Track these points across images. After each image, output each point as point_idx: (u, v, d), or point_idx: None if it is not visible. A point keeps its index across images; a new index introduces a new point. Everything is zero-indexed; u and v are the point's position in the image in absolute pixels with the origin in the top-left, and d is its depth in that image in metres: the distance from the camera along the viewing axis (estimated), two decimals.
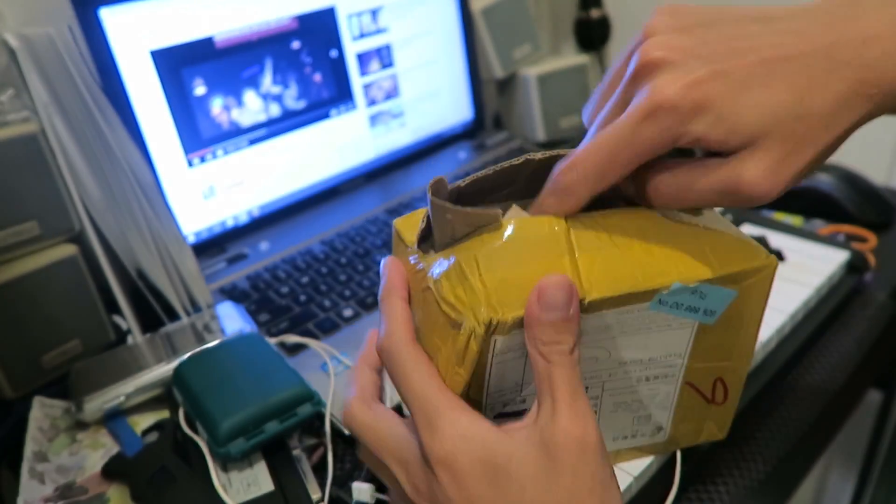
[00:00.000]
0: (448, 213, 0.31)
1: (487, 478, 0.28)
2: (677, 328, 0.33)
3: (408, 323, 0.32)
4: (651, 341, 0.33)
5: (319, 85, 0.75)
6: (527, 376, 0.33)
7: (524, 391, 0.33)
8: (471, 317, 0.29)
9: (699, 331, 0.33)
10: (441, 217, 0.31)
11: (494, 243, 0.31)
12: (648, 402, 0.37)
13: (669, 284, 0.30)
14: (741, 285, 0.32)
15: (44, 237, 0.54)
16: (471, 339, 0.29)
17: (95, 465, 0.47)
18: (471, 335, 0.29)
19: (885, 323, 0.59)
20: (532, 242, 0.31)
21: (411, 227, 0.34)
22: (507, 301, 0.29)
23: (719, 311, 0.32)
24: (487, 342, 0.29)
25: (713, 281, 0.31)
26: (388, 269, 0.34)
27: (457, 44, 0.87)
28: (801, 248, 0.61)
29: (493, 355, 0.30)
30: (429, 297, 0.31)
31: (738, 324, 0.34)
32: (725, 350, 0.35)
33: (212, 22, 0.66)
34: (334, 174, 0.79)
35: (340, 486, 0.44)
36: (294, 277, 0.66)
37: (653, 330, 0.33)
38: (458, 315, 0.29)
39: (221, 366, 0.48)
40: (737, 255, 0.32)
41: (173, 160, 0.67)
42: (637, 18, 1.02)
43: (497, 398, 0.33)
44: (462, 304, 0.29)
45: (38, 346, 0.55)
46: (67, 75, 0.52)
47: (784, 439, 0.48)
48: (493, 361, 0.31)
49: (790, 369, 0.53)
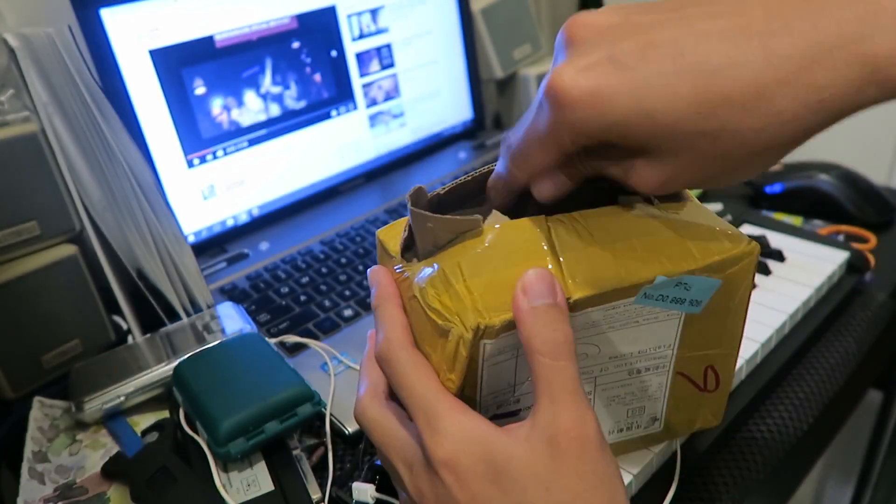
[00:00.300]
0: (429, 221, 0.31)
1: (489, 478, 0.28)
2: (664, 320, 0.33)
3: (405, 328, 0.32)
4: (640, 334, 0.34)
5: (319, 85, 0.75)
6: (519, 377, 0.33)
7: (517, 391, 0.33)
8: (458, 323, 0.29)
9: (686, 321, 0.34)
10: (422, 226, 0.32)
11: (477, 248, 0.31)
12: (641, 394, 0.37)
13: (653, 278, 0.31)
14: (725, 274, 0.32)
15: (44, 237, 0.54)
16: (459, 346, 0.29)
17: (95, 465, 0.47)
18: (459, 341, 0.29)
19: (885, 323, 0.59)
20: (514, 246, 0.31)
21: (394, 236, 0.35)
22: (494, 305, 0.29)
23: (704, 300, 0.33)
24: (477, 347, 0.29)
25: (696, 272, 0.31)
26: (379, 277, 0.34)
27: (457, 44, 0.87)
28: (801, 248, 0.61)
29: (483, 359, 0.30)
30: (415, 305, 0.31)
31: (725, 311, 0.34)
32: (714, 338, 0.35)
33: (212, 22, 0.66)
34: (334, 174, 0.79)
35: (340, 486, 0.44)
36: (294, 277, 0.66)
37: (640, 323, 0.33)
38: (446, 322, 0.29)
39: (221, 366, 0.48)
40: (718, 244, 0.32)
41: (173, 160, 0.67)
42: None
43: (491, 400, 0.33)
44: (448, 311, 0.29)
45: (38, 346, 0.55)
46: (67, 75, 0.52)
47: (784, 439, 0.48)
48: (483, 365, 0.31)
49: (790, 369, 0.53)
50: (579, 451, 0.28)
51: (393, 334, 0.32)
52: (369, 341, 0.37)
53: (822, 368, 0.54)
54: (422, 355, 0.32)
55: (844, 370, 0.54)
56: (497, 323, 0.29)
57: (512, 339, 0.30)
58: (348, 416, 0.49)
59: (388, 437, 0.32)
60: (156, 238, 0.57)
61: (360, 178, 0.81)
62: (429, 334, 0.31)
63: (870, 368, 0.59)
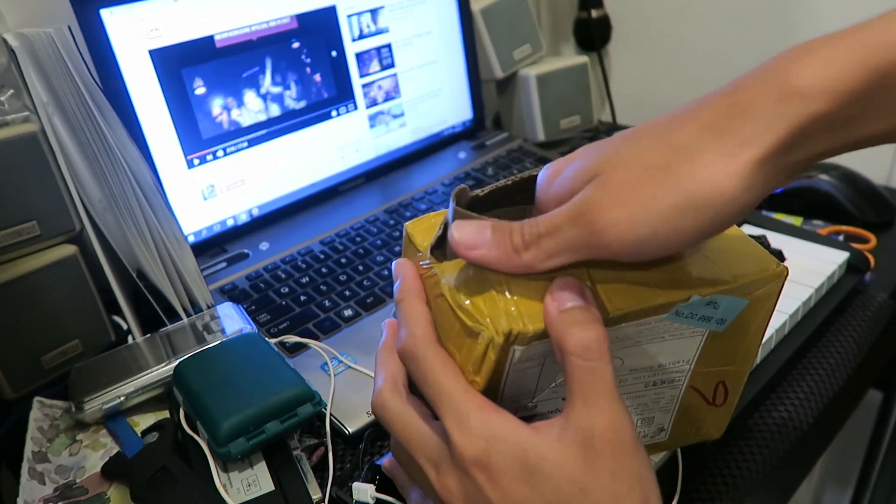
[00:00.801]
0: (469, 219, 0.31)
1: (522, 477, 0.28)
2: (689, 336, 0.34)
3: (430, 324, 0.32)
4: (662, 349, 0.34)
5: (319, 85, 0.75)
6: (541, 384, 0.33)
7: (536, 398, 0.34)
8: (490, 326, 0.29)
9: (708, 338, 0.34)
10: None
11: None
12: (653, 405, 0.37)
13: (688, 297, 0.31)
14: (753, 295, 0.33)
15: (44, 237, 0.55)
16: (489, 349, 0.29)
17: (95, 465, 0.47)
18: (489, 344, 0.29)
19: (885, 323, 0.59)
20: None
21: (423, 231, 0.35)
22: (529, 312, 0.29)
23: (730, 319, 0.33)
24: (506, 352, 0.30)
25: (728, 292, 0.32)
26: (405, 270, 0.34)
27: (457, 44, 0.87)
28: (801, 248, 0.61)
29: (510, 364, 0.30)
30: (442, 304, 0.31)
31: (745, 330, 0.35)
32: (730, 355, 0.36)
33: (212, 22, 0.66)
34: (334, 174, 0.79)
35: (341, 486, 0.44)
36: (294, 277, 0.66)
37: (666, 339, 0.33)
38: (476, 324, 0.29)
39: (222, 366, 0.48)
40: (749, 266, 0.33)
41: (173, 160, 0.67)
42: (637, 18, 1.02)
43: (510, 405, 0.33)
44: (481, 313, 0.29)
45: (38, 346, 0.55)
46: (67, 75, 0.52)
47: (784, 439, 0.48)
48: (510, 370, 0.31)
49: (790, 369, 0.53)
50: (613, 452, 0.28)
51: (419, 330, 0.32)
52: (387, 329, 0.36)
53: (822, 368, 0.54)
54: (447, 353, 0.31)
55: (844, 370, 0.54)
56: (531, 330, 0.29)
57: (542, 348, 0.30)
58: (348, 416, 0.49)
59: (412, 433, 0.32)
60: (156, 238, 0.57)
61: (360, 178, 0.81)
62: (455, 333, 0.31)
63: (870, 368, 0.59)
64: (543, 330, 0.29)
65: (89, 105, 0.53)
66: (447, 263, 0.32)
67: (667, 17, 0.99)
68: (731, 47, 0.94)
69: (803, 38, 0.27)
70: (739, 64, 0.38)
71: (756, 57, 0.28)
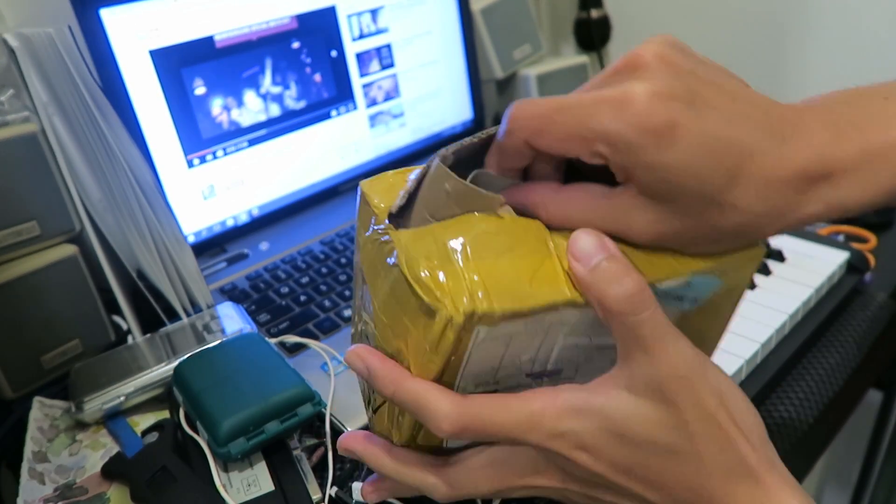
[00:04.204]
0: (449, 184, 0.30)
1: (616, 443, 0.29)
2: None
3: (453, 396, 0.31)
4: None
5: (319, 85, 0.75)
6: (504, 362, 0.31)
7: (498, 374, 0.32)
8: (449, 305, 0.27)
9: (679, 317, 0.33)
10: (438, 187, 0.30)
11: (484, 230, 0.30)
12: None
13: (664, 278, 0.30)
14: (728, 275, 0.32)
15: (44, 237, 0.54)
16: (447, 328, 0.28)
17: (95, 465, 0.47)
18: (447, 324, 0.27)
19: (885, 323, 0.59)
20: (521, 239, 0.30)
21: (381, 191, 0.33)
22: (499, 292, 0.28)
23: (702, 298, 0.33)
24: (469, 331, 0.28)
25: (703, 272, 0.31)
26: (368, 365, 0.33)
27: (457, 44, 0.87)
28: (801, 248, 0.61)
29: (474, 343, 0.29)
30: (395, 273, 0.30)
31: (716, 311, 0.34)
32: (699, 336, 0.35)
33: (212, 22, 0.66)
34: (334, 174, 0.79)
35: (341, 486, 0.44)
36: (294, 277, 0.66)
37: None
38: (435, 301, 0.28)
39: (222, 366, 0.48)
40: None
41: (173, 160, 0.67)
42: (637, 18, 1.02)
43: (469, 380, 0.32)
44: (441, 289, 0.28)
45: (38, 346, 0.55)
46: (67, 75, 0.52)
47: (784, 439, 0.48)
48: (472, 349, 0.29)
49: (790, 369, 0.53)
50: (689, 387, 0.28)
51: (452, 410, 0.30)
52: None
53: (822, 368, 0.54)
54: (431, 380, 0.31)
55: (844, 370, 0.54)
56: (498, 310, 0.27)
57: (511, 328, 0.29)
58: (348, 416, 0.49)
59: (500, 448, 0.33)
60: (156, 238, 0.57)
61: (360, 178, 0.81)
62: (411, 308, 0.29)
63: (870, 368, 0.59)
64: (516, 311, 0.28)
65: (89, 105, 0.53)
66: (404, 232, 0.30)
67: (667, 17, 0.99)
68: (732, 48, 0.94)
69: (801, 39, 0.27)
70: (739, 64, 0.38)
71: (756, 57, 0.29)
